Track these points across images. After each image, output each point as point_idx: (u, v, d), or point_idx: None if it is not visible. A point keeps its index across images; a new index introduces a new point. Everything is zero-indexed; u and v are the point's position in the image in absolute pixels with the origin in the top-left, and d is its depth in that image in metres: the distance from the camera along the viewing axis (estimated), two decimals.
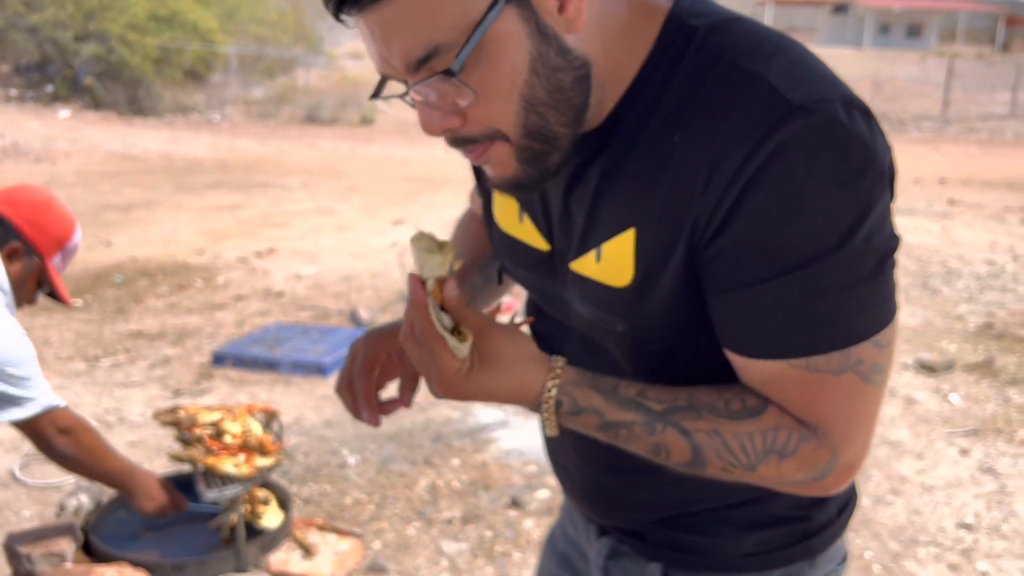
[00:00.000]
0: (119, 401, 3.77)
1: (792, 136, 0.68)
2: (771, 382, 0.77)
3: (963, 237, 7.26)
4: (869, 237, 0.71)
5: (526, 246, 0.93)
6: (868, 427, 0.79)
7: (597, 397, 0.79)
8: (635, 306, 0.81)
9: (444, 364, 0.77)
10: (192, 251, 6.63)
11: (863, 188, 0.70)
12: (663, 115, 0.76)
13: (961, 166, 12.52)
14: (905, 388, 4.17)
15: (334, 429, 3.54)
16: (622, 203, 0.80)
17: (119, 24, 19.16)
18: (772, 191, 0.69)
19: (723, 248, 0.73)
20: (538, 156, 0.76)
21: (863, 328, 0.73)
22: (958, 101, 20.67)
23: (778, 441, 0.77)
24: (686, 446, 0.78)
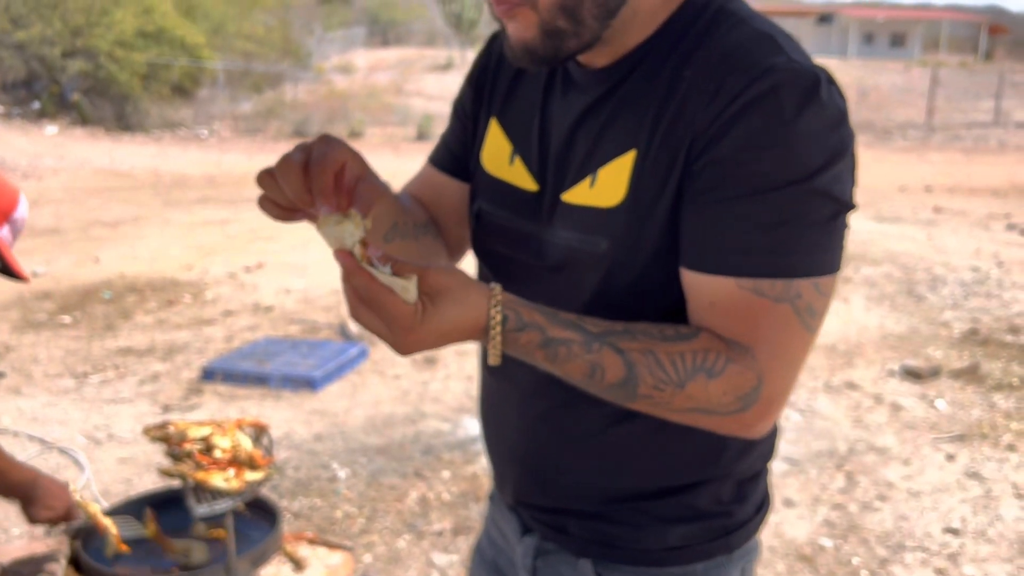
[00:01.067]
0: (108, 418, 3.76)
1: (787, 80, 0.79)
2: (718, 302, 0.82)
3: (948, 244, 7.32)
4: (831, 183, 0.80)
5: (513, 187, 0.98)
6: (793, 365, 0.84)
7: (538, 314, 0.82)
8: (621, 223, 0.87)
9: (398, 312, 0.77)
10: (181, 267, 6.63)
11: (835, 140, 0.81)
12: (679, 55, 0.86)
13: (946, 174, 12.63)
14: (892, 395, 4.20)
15: (324, 443, 3.55)
16: (628, 128, 0.87)
17: (106, 40, 19.16)
18: (762, 119, 0.79)
19: (711, 160, 0.81)
20: (559, 33, 0.84)
21: (809, 265, 0.81)
22: (942, 109, 20.85)
23: (708, 360, 0.81)
24: (620, 363, 0.81)
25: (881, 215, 8.88)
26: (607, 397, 0.85)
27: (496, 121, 1.02)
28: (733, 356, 0.82)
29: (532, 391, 0.88)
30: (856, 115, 20.75)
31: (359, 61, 30.49)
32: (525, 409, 1.02)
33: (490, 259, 1.04)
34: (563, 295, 0.92)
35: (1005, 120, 20.39)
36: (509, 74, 1.02)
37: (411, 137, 17.79)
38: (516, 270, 0.99)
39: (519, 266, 0.99)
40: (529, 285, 0.97)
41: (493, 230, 1.02)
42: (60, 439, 3.51)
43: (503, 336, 0.81)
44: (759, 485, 1.05)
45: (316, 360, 4.30)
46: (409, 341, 0.79)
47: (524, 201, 0.97)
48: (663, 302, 0.88)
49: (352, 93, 23.23)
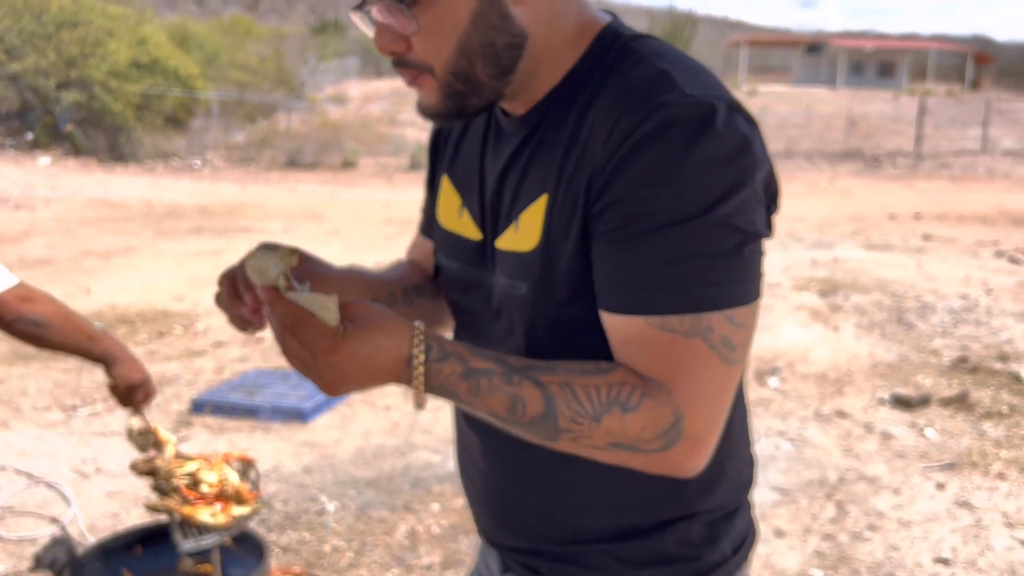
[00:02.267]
0: (97, 451, 3.74)
1: (679, 116, 0.80)
2: (631, 341, 0.83)
3: (937, 272, 7.36)
4: (731, 215, 0.80)
5: (462, 238, 1.01)
6: (715, 399, 0.84)
7: (460, 347, 0.84)
8: (538, 267, 0.90)
9: (320, 332, 0.79)
10: (172, 297, 6.62)
11: (732, 171, 0.81)
12: (584, 98, 0.88)
13: (935, 202, 12.73)
14: (881, 423, 4.21)
15: (313, 476, 3.53)
16: (542, 173, 0.90)
17: (101, 71, 19.25)
18: (654, 156, 0.80)
19: (609, 201, 0.83)
20: (459, 95, 0.88)
21: (716, 298, 0.81)
22: (931, 138, 21.07)
23: (622, 394, 0.82)
24: (540, 396, 0.82)
25: (871, 243, 8.93)
26: (530, 435, 0.85)
27: (447, 177, 1.06)
28: (649, 391, 0.82)
29: (491, 430, 0.89)
30: (845, 143, 20.98)
31: (353, 91, 30.72)
32: (486, 449, 1.04)
33: (453, 308, 1.08)
34: (505, 339, 0.96)
35: (992, 148, 20.61)
36: (457, 132, 1.07)
37: (404, 167, 17.87)
38: (472, 319, 1.03)
39: (474, 315, 1.02)
40: (481, 332, 1.01)
41: (451, 281, 1.05)
42: (47, 473, 3.49)
43: (427, 368, 0.82)
44: (735, 523, 1.02)
45: (306, 391, 4.29)
46: (332, 363, 0.80)
47: (472, 250, 1.00)
48: (589, 343, 0.88)
49: (346, 123, 23.35)
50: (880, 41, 45.80)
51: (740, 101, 0.85)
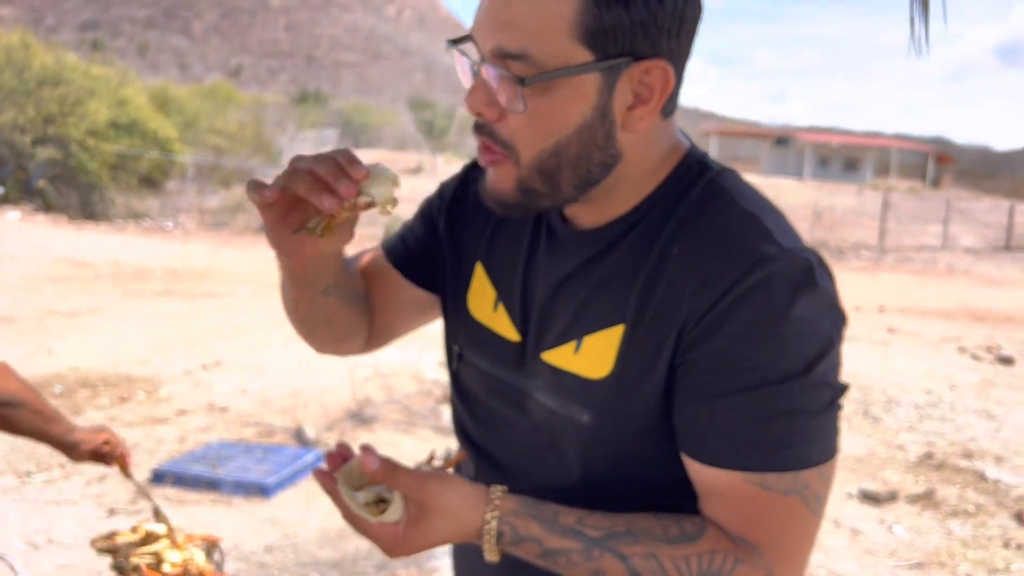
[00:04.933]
0: (50, 520, 3.60)
1: (779, 271, 0.79)
2: (724, 493, 0.81)
3: (902, 365, 7.47)
4: (828, 372, 0.81)
5: (496, 335, 0.97)
6: (803, 555, 0.83)
7: (536, 526, 0.81)
8: (607, 398, 0.86)
9: (378, 534, 0.81)
10: (136, 361, 6.49)
11: (828, 327, 0.81)
12: (669, 231, 0.85)
13: (898, 295, 13.00)
14: (850, 519, 4.20)
15: (275, 555, 3.42)
16: (615, 300, 0.86)
17: (79, 130, 19.26)
18: (755, 312, 0.78)
19: (703, 355, 0.80)
20: (534, 192, 0.85)
21: (815, 455, 0.80)
22: (893, 232, 21.67)
23: (714, 563, 0.80)
24: (623, 570, 0.80)
25: None
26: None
27: (481, 266, 1.01)
28: (741, 555, 0.80)
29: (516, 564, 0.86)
30: (811, 235, 21.48)
31: None
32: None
33: (469, 403, 1.02)
34: (546, 454, 0.92)
35: (953, 244, 21.23)
36: (493, 217, 1.00)
37: (377, 238, 17.93)
38: (496, 420, 0.98)
39: (499, 416, 0.97)
40: (510, 437, 0.96)
41: (474, 375, 1.00)
42: None
43: (499, 547, 0.82)
44: None
45: (270, 465, 4.19)
46: (393, 554, 0.82)
47: (506, 350, 0.96)
48: (649, 477, 0.87)
49: None
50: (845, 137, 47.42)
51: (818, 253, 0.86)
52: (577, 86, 0.79)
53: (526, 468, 0.95)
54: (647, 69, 0.81)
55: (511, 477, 0.95)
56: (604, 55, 0.78)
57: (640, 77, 0.81)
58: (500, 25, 0.78)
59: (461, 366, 1.02)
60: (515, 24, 0.77)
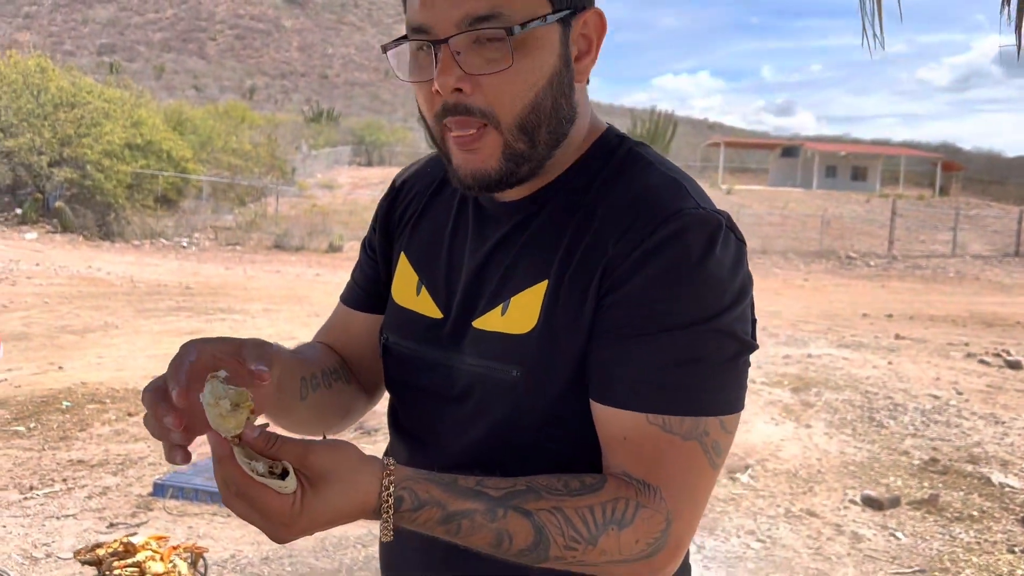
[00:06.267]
0: (49, 535, 3.65)
1: (695, 224, 0.84)
2: (628, 436, 0.83)
3: (909, 372, 7.42)
4: (735, 323, 0.84)
5: (419, 316, 0.99)
6: (700, 504, 0.85)
7: (436, 489, 0.79)
8: (533, 350, 0.88)
9: (272, 508, 0.74)
10: (145, 377, 6.55)
11: (738, 282, 0.85)
12: (593, 193, 0.90)
13: (907, 302, 12.91)
14: (852, 524, 4.17)
15: (271, 566, 3.45)
16: (541, 260, 0.90)
17: (95, 151, 19.51)
18: (671, 259, 0.83)
19: (621, 298, 0.84)
20: (518, 156, 0.87)
21: (717, 404, 0.84)
22: (902, 240, 21.54)
23: (617, 511, 0.81)
24: (529, 527, 0.79)
25: (844, 341, 9.01)
26: (516, 561, 0.82)
27: (404, 255, 1.04)
28: (643, 500, 0.82)
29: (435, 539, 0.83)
30: (820, 243, 21.38)
31: (342, 178, 31.18)
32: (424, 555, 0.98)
33: (399, 390, 1.04)
34: (470, 424, 0.93)
35: (962, 251, 21.08)
36: (414, 212, 1.06)
37: None
38: (423, 400, 0.99)
39: (426, 395, 0.98)
40: (435, 415, 0.97)
41: (400, 360, 1.02)
42: None
43: (399, 516, 0.78)
44: None
45: None
46: (288, 532, 0.76)
47: (428, 328, 0.98)
48: (574, 433, 0.88)
49: (334, 208, 23.64)
50: (853, 146, 47.20)
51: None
52: (544, 36, 0.84)
53: (453, 444, 0.95)
54: (586, 20, 0.88)
55: (439, 454, 0.96)
56: (559, 6, 0.85)
57: (581, 28, 0.88)
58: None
59: (387, 356, 1.04)
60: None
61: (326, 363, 1.05)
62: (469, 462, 0.90)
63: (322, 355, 1.07)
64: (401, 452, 1.03)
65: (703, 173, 44.49)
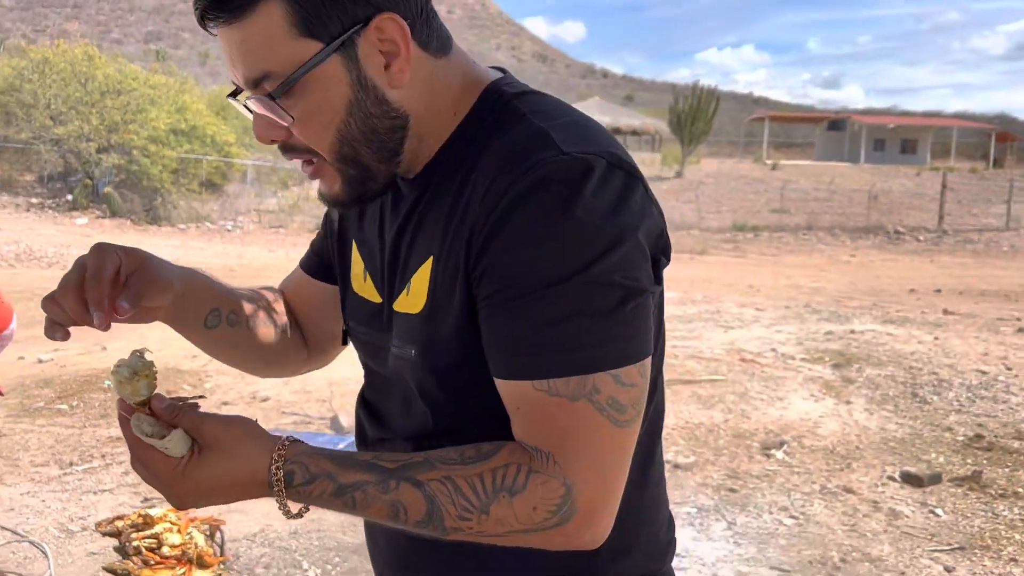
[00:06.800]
0: (86, 508, 3.73)
1: (554, 174, 0.78)
2: (520, 407, 0.81)
3: (955, 347, 7.22)
4: (613, 271, 0.78)
5: (365, 301, 1.00)
6: (608, 465, 0.80)
7: (328, 463, 0.81)
8: (425, 329, 0.87)
9: (158, 468, 0.81)
10: (185, 356, 6.66)
11: (609, 228, 0.78)
12: (469, 160, 0.86)
13: (957, 277, 12.57)
14: (890, 501, 4.08)
15: (299, 540, 3.48)
16: (428, 236, 0.88)
17: (141, 137, 19.87)
18: (528, 217, 0.78)
19: (487, 266, 0.80)
20: (356, 180, 0.88)
21: (601, 358, 0.78)
22: (953, 214, 20.94)
23: (507, 477, 0.78)
24: (421, 499, 0.79)
25: (889, 317, 8.80)
26: (422, 534, 0.82)
27: (354, 243, 1.05)
28: (535, 466, 0.79)
29: None
30: (867, 219, 20.88)
31: None
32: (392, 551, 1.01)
33: (365, 372, 1.06)
34: (403, 404, 0.94)
35: (1016, 224, 20.42)
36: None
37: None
38: (379, 381, 1.00)
39: (379, 377, 1.00)
40: (383, 392, 0.99)
41: (357, 344, 1.04)
42: (33, 530, 3.48)
43: (293, 491, 0.81)
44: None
45: None
46: (176, 494, 0.82)
47: (372, 314, 0.98)
48: (488, 406, 0.85)
49: None
50: (902, 119, 45.90)
51: (621, 154, 0.83)
52: (323, 75, 0.82)
53: (399, 420, 0.96)
54: (378, 26, 0.82)
55: (391, 429, 0.98)
56: (330, 37, 0.81)
57: (376, 37, 0.82)
58: (237, 61, 0.84)
59: (350, 338, 1.06)
60: (245, 54, 0.82)
61: (258, 307, 1.06)
62: (410, 437, 0.93)
63: (263, 301, 1.09)
64: (367, 427, 1.04)
65: (747, 148, 43.73)
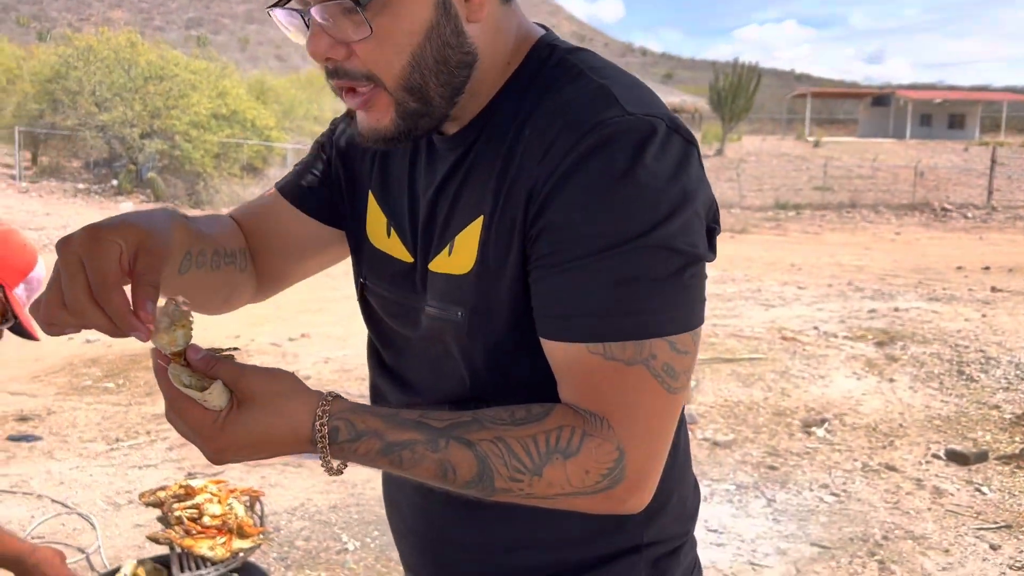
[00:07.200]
0: (131, 483, 3.82)
1: (620, 131, 0.77)
2: (572, 368, 0.79)
3: (1004, 324, 7.04)
4: (674, 237, 0.77)
5: (391, 259, 0.96)
6: (657, 430, 0.79)
7: (375, 420, 0.77)
8: (473, 290, 0.85)
9: (196, 420, 0.76)
10: (228, 336, 6.77)
11: (672, 192, 0.77)
12: (521, 116, 0.84)
13: (1006, 254, 12.25)
14: (934, 479, 4.00)
15: (338, 514, 3.53)
16: (477, 195, 0.85)
17: (182, 122, 20.14)
18: (592, 176, 0.76)
19: (546, 225, 0.79)
20: (412, 115, 0.83)
21: (659, 325, 0.77)
22: (1002, 189, 20.37)
23: (562, 439, 0.77)
24: (471, 458, 0.77)
25: (934, 294, 8.61)
26: (467, 494, 0.80)
27: (372, 195, 1.00)
28: (590, 430, 0.77)
29: None
30: (912, 195, 20.40)
31: None
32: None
33: (379, 331, 1.02)
34: (438, 366, 0.91)
35: None
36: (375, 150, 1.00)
37: None
38: (402, 342, 0.97)
39: (403, 338, 0.97)
40: (411, 355, 0.96)
41: (376, 302, 1.00)
42: (81, 503, 3.57)
43: (337, 448, 0.77)
44: (681, 560, 0.97)
45: None
46: (213, 449, 0.77)
47: (401, 273, 0.95)
48: (533, 369, 0.84)
49: None
50: (949, 93, 44.63)
51: (679, 119, 0.81)
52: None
53: (429, 383, 0.94)
54: None
55: (418, 393, 0.96)
56: None
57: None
58: None
59: (367, 294, 1.02)
60: None
61: (224, 243, 0.97)
62: (447, 403, 0.89)
63: (224, 234, 0.99)
64: (388, 392, 1.01)
65: (789, 126, 42.96)
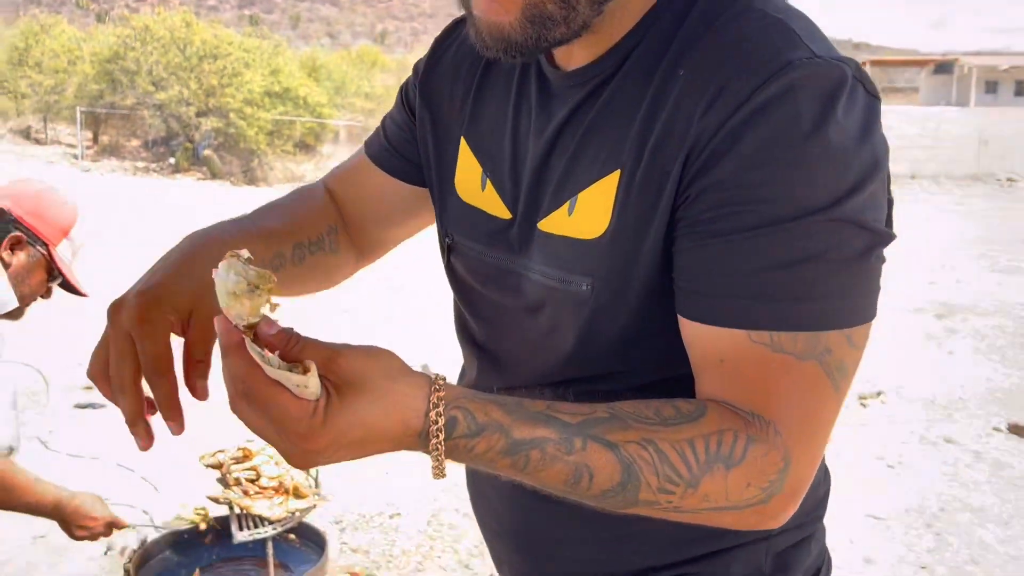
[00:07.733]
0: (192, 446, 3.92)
1: (808, 79, 0.64)
2: (727, 360, 0.66)
3: None
4: (863, 209, 0.64)
5: (486, 215, 0.83)
6: (822, 437, 0.67)
7: (498, 411, 0.62)
8: (606, 259, 0.72)
9: (289, 412, 0.57)
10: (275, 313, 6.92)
11: (867, 153, 0.65)
12: (672, 53, 0.70)
13: None
14: (995, 452, 3.92)
15: (392, 480, 3.59)
16: (611, 144, 0.72)
17: (237, 100, 20.45)
18: (774, 129, 0.63)
19: (711, 183, 0.66)
20: (545, 19, 0.68)
21: (840, 314, 0.65)
22: None
23: (723, 445, 0.63)
24: (615, 462, 0.62)
25: (997, 266, 8.36)
26: (590, 504, 0.66)
27: (464, 141, 0.86)
28: (754, 434, 0.64)
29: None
30: (976, 166, 19.72)
31: None
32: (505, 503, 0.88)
33: (466, 296, 0.90)
34: (541, 341, 0.79)
35: None
36: (470, 82, 0.87)
37: None
38: (492, 310, 0.86)
39: (496, 306, 0.85)
40: (508, 327, 0.84)
41: (466, 264, 0.87)
42: (143, 464, 3.69)
43: (451, 444, 0.61)
44: (810, 551, 0.86)
45: None
46: (306, 451, 0.59)
47: (496, 230, 0.82)
48: (660, 354, 0.73)
49: None
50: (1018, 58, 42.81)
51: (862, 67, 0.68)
52: None
53: (525, 360, 0.82)
54: None
55: (511, 372, 0.85)
56: None
57: None
58: None
59: (454, 257, 0.89)
60: None
61: (304, 234, 0.89)
62: (540, 383, 0.78)
63: (308, 219, 0.92)
64: (484, 371, 0.89)
65: None
